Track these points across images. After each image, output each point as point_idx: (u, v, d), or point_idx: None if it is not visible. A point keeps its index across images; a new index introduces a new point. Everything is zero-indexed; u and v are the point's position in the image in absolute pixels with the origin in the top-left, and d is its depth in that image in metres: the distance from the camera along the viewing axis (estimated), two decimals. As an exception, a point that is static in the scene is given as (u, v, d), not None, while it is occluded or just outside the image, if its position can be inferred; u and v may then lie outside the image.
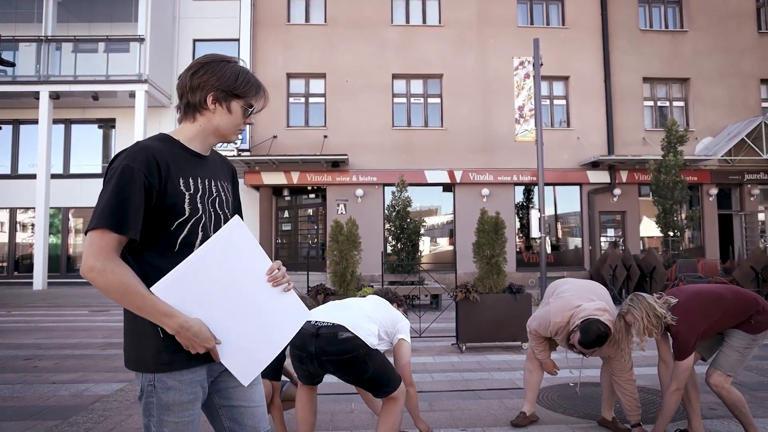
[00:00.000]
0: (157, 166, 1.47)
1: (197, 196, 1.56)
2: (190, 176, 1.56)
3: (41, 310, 11.04)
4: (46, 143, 15.46)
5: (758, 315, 3.29)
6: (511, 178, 16.26)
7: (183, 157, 1.57)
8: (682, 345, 3.21)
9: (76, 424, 3.89)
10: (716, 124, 16.84)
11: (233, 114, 1.63)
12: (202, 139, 1.64)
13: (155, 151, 1.50)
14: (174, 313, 1.44)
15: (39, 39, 16.02)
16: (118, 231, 1.41)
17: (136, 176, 1.43)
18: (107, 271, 1.39)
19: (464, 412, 4.21)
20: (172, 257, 1.50)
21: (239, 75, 1.62)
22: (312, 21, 17.04)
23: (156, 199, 1.47)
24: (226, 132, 1.64)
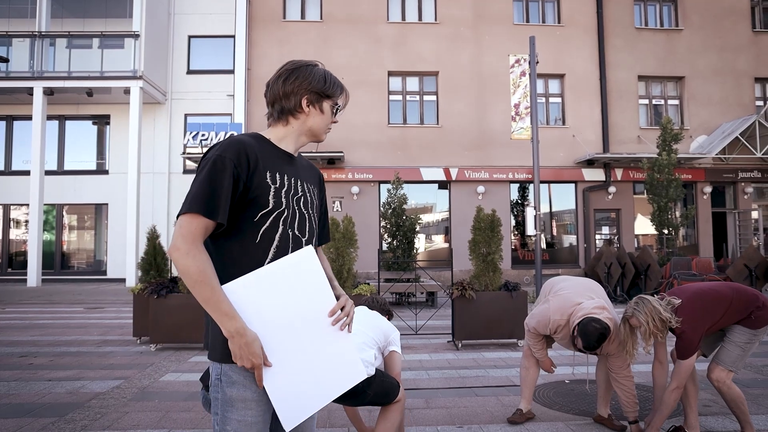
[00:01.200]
0: (246, 158, 1.53)
1: (282, 191, 1.59)
2: (278, 171, 1.60)
3: (36, 307, 10.99)
4: (40, 139, 15.38)
5: (758, 311, 3.31)
6: (507, 176, 16.28)
7: (272, 153, 1.63)
8: (687, 345, 3.23)
9: (72, 421, 3.88)
10: (710, 123, 16.92)
11: (325, 114, 1.71)
12: (294, 139, 1.71)
13: (246, 144, 1.56)
14: (235, 316, 1.44)
15: (33, 34, 15.92)
16: (208, 215, 1.46)
17: (227, 165, 1.50)
18: (189, 254, 1.44)
19: (461, 409, 4.22)
20: (253, 249, 1.53)
21: (326, 77, 1.70)
22: (308, 18, 17.00)
23: (243, 189, 1.52)
24: (319, 131, 1.72)
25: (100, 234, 17.53)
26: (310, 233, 1.67)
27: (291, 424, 1.50)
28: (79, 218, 17.71)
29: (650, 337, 3.29)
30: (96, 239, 17.53)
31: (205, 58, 17.54)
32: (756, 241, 16.80)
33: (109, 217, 17.13)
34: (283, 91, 1.66)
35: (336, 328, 1.57)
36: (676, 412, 4.09)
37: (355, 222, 7.76)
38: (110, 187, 16.98)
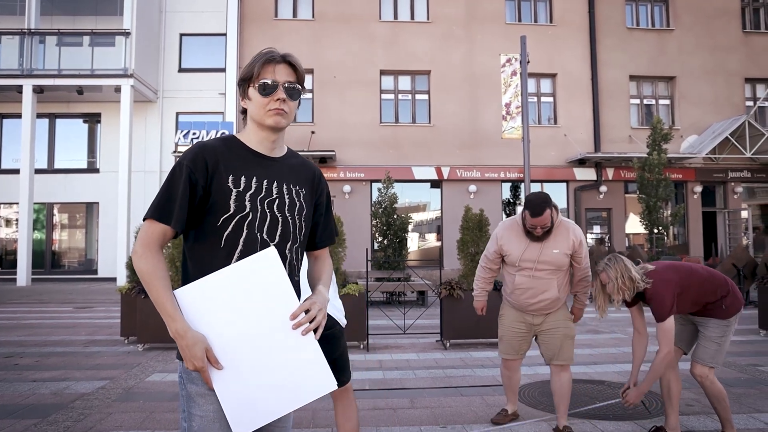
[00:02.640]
0: (204, 163, 1.52)
1: (247, 194, 1.55)
2: (243, 174, 1.56)
3: (24, 306, 10.93)
4: (29, 138, 15.27)
5: (727, 298, 3.32)
6: (498, 175, 16.32)
7: (240, 156, 1.59)
8: (659, 304, 3.20)
9: (55, 422, 3.86)
10: (701, 122, 17.01)
11: (253, 99, 1.60)
12: (256, 135, 1.64)
13: (207, 149, 1.55)
14: (176, 318, 1.44)
15: (22, 32, 15.80)
16: (161, 221, 1.49)
17: (183, 171, 1.51)
18: (143, 257, 1.48)
19: (445, 409, 4.23)
20: (218, 253, 1.53)
21: (251, 62, 1.61)
22: (300, 16, 16.97)
23: (202, 193, 1.52)
24: (258, 118, 1.60)
25: (91, 233, 17.44)
26: (283, 236, 1.59)
27: (240, 428, 1.45)
28: (70, 217, 17.61)
29: (618, 292, 3.28)
30: (87, 238, 17.44)
31: (196, 56, 17.46)
32: (745, 241, 16.91)
33: (100, 215, 17.04)
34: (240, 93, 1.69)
35: (298, 333, 1.48)
36: (660, 411, 4.12)
37: (346, 221, 7.77)
38: (101, 186, 16.89)
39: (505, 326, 3.82)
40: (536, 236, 3.51)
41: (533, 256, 3.52)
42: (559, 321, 3.64)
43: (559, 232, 3.54)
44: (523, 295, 3.60)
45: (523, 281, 3.58)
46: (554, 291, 3.54)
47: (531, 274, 3.54)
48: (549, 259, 3.50)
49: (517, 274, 3.61)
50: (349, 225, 7.86)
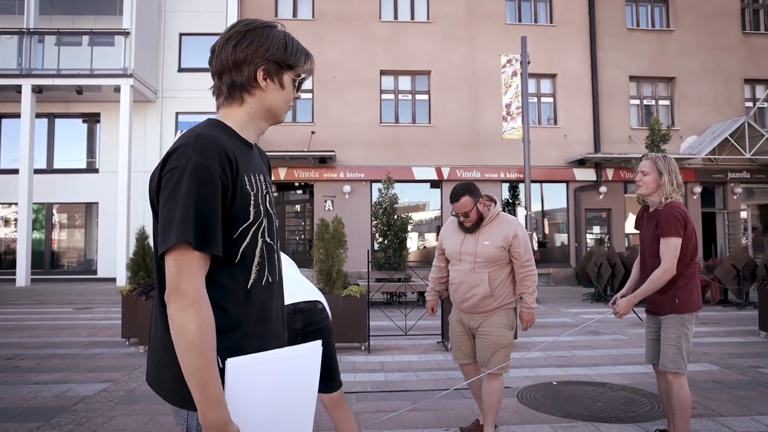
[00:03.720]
0: (229, 163, 1.24)
1: (259, 196, 1.32)
2: (251, 172, 1.32)
3: (24, 307, 10.91)
4: (28, 138, 15.25)
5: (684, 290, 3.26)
6: (498, 175, 16.33)
7: (241, 149, 1.33)
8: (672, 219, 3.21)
9: (58, 426, 3.86)
10: (701, 123, 17.03)
11: (286, 89, 1.39)
12: (254, 124, 1.40)
13: (222, 142, 1.25)
14: (222, 405, 1.16)
15: (21, 31, 15.76)
16: (207, 250, 1.18)
17: (215, 178, 1.20)
18: (194, 306, 1.15)
19: (448, 412, 4.23)
20: (234, 271, 1.27)
21: (288, 41, 1.39)
22: (299, 16, 16.96)
23: (228, 202, 1.25)
24: (279, 111, 1.41)
25: (90, 233, 17.42)
26: (277, 236, 1.41)
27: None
28: (69, 217, 17.58)
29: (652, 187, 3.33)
30: (86, 238, 17.42)
31: (196, 56, 17.43)
32: (744, 242, 16.93)
33: (99, 216, 17.02)
34: (233, 59, 1.34)
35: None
36: (661, 414, 4.12)
37: (347, 221, 7.76)
38: (101, 186, 16.86)
39: (451, 329, 3.73)
40: (467, 228, 3.52)
41: (470, 249, 3.48)
42: (493, 327, 3.46)
43: (494, 225, 3.51)
44: (457, 290, 3.55)
45: (456, 275, 3.57)
46: (485, 286, 3.42)
47: (464, 267, 3.51)
48: (480, 251, 3.46)
49: (452, 269, 3.62)
50: (349, 225, 7.84)
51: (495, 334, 3.45)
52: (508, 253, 3.48)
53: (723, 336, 7.60)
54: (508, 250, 3.47)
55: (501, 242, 3.44)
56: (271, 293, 1.39)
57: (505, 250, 3.46)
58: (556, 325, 8.61)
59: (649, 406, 4.32)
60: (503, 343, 3.46)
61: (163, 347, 1.26)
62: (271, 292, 1.39)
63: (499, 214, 3.58)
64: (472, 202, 3.44)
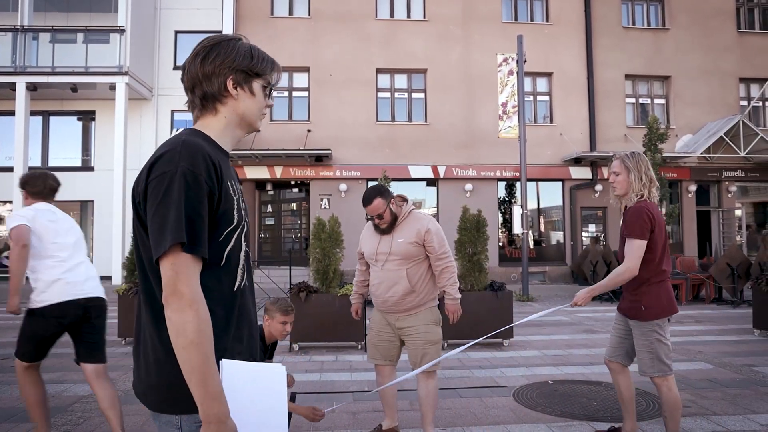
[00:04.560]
0: (214, 169, 1.29)
1: (240, 201, 1.38)
2: (231, 178, 1.38)
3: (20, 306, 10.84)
4: (23, 136, 15.16)
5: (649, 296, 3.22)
6: (495, 174, 16.35)
7: (221, 157, 1.38)
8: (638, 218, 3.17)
9: (55, 426, 3.86)
10: (696, 122, 17.09)
11: (256, 96, 1.45)
12: (230, 133, 1.45)
13: (205, 149, 1.30)
14: (222, 400, 1.20)
15: (15, 28, 15.66)
16: (198, 253, 1.22)
17: (202, 183, 1.24)
18: (193, 307, 1.18)
19: (444, 411, 4.25)
20: (220, 273, 1.31)
21: (253, 52, 1.44)
22: (296, 14, 16.92)
23: (215, 206, 1.29)
24: (252, 118, 1.46)
25: (85, 231, 17.34)
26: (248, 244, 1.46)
27: None
28: (64, 215, 17.50)
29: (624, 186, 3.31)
30: (81, 236, 17.34)
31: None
32: (739, 240, 17.02)
33: (95, 214, 16.97)
34: (203, 72, 1.39)
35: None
36: (651, 414, 4.15)
37: (343, 220, 7.75)
38: (96, 184, 16.79)
39: (372, 330, 3.70)
40: (381, 229, 3.54)
41: (385, 249, 3.52)
42: (420, 325, 3.49)
43: (407, 223, 3.56)
44: (377, 290, 3.56)
45: (375, 275, 3.60)
46: (405, 283, 3.44)
47: (381, 266, 3.53)
48: (395, 249, 3.49)
49: (371, 269, 3.67)
50: (345, 224, 7.84)
51: (423, 331, 3.48)
52: (423, 248, 3.52)
53: (717, 334, 7.65)
54: (423, 246, 3.51)
55: (414, 238, 3.48)
56: (250, 296, 1.46)
57: (420, 245, 3.50)
58: (552, 324, 8.65)
59: (644, 405, 4.35)
60: (432, 340, 3.49)
61: (153, 355, 1.29)
62: (250, 294, 1.45)
63: (411, 212, 3.63)
64: (384, 204, 3.48)
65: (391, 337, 3.62)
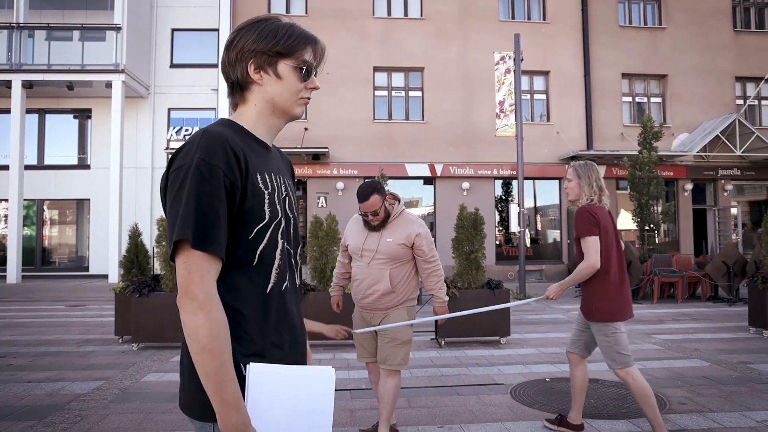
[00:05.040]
0: (236, 160, 1.19)
1: (275, 196, 1.27)
2: (266, 171, 1.28)
3: (15, 304, 10.85)
4: (19, 133, 15.12)
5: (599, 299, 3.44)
6: (492, 172, 16.37)
7: (254, 148, 1.29)
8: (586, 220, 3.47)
9: (52, 424, 3.85)
10: (692, 121, 17.14)
11: (284, 78, 1.30)
12: (265, 122, 1.34)
13: (229, 139, 1.20)
14: (241, 409, 1.12)
15: (10, 26, 15.60)
16: (214, 252, 1.15)
17: (218, 176, 1.15)
18: (205, 309, 1.11)
19: (442, 409, 4.26)
20: (252, 274, 1.24)
21: (278, 30, 1.30)
22: (293, 12, 16.89)
23: (238, 201, 1.20)
24: (285, 104, 1.33)
25: (82, 230, 17.31)
26: (297, 241, 1.36)
27: None
28: (61, 213, 17.46)
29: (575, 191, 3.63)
30: (78, 235, 17.32)
31: (188, 51, 17.34)
32: (735, 238, 17.08)
33: (91, 212, 16.92)
34: (228, 61, 1.31)
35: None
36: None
37: (340, 218, 7.75)
38: (92, 182, 16.76)
39: (355, 328, 3.64)
40: (373, 226, 3.52)
41: (372, 246, 3.49)
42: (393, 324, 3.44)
43: (398, 223, 3.54)
44: (359, 286, 3.54)
45: (357, 271, 3.57)
46: (386, 282, 3.43)
47: (366, 263, 3.51)
48: (382, 248, 3.48)
49: (354, 264, 3.64)
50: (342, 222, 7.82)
51: (395, 330, 3.45)
52: (411, 250, 3.53)
53: (713, 332, 7.68)
54: (411, 248, 3.52)
55: (404, 240, 3.48)
56: (293, 298, 1.36)
57: (408, 247, 3.50)
58: (549, 322, 8.67)
59: (640, 403, 4.37)
60: (402, 339, 3.47)
61: (186, 358, 1.23)
62: (293, 296, 1.36)
63: (402, 212, 3.62)
64: (380, 201, 3.46)
65: (373, 333, 3.60)
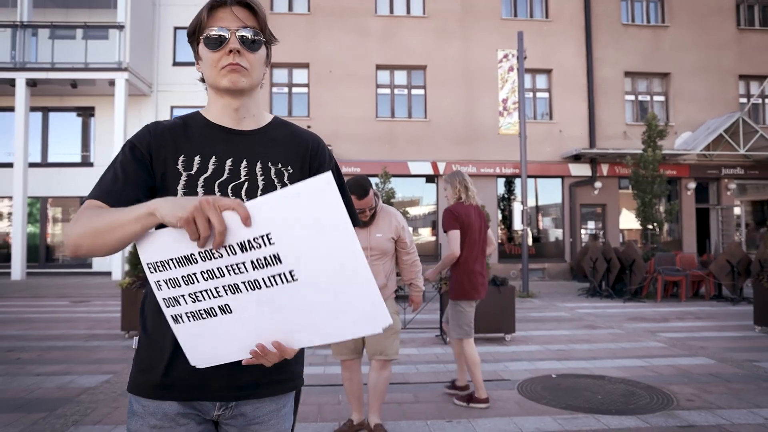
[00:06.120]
0: (148, 140, 1.27)
1: (200, 178, 1.25)
2: (199, 153, 1.27)
3: (21, 300, 10.87)
4: (23, 131, 15.12)
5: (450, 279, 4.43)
6: (494, 170, 16.38)
7: (197, 133, 1.31)
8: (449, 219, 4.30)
9: (63, 416, 3.87)
10: (695, 119, 17.13)
11: (203, 57, 1.31)
12: (214, 104, 1.34)
13: (158, 125, 1.31)
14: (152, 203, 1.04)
15: (14, 24, 15.61)
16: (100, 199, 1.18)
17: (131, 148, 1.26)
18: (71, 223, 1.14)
19: (449, 404, 4.28)
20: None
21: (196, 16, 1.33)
22: (295, 10, 16.90)
23: (152, 182, 1.25)
24: (212, 81, 1.30)
25: (84, 227, 17.31)
26: None
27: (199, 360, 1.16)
28: (64, 211, 17.49)
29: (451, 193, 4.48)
30: (81, 232, 17.32)
31: (191, 50, 17.32)
32: (738, 237, 17.08)
33: (94, 210, 16.92)
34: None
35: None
36: (656, 406, 4.17)
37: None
38: (95, 180, 16.56)
39: None
40: (363, 222, 3.50)
41: (364, 243, 3.45)
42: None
43: (381, 218, 3.57)
44: None
45: None
46: (382, 278, 3.49)
47: None
48: (375, 245, 3.50)
49: None
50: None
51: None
52: (395, 243, 3.59)
53: (718, 330, 7.68)
54: (396, 240, 3.58)
55: (392, 233, 3.54)
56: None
57: (393, 240, 3.57)
58: (553, 320, 8.68)
59: (648, 399, 4.38)
60: (396, 329, 3.61)
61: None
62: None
63: (382, 206, 3.64)
64: (374, 197, 3.48)
65: None
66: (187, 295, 1.08)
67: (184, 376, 1.23)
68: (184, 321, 1.11)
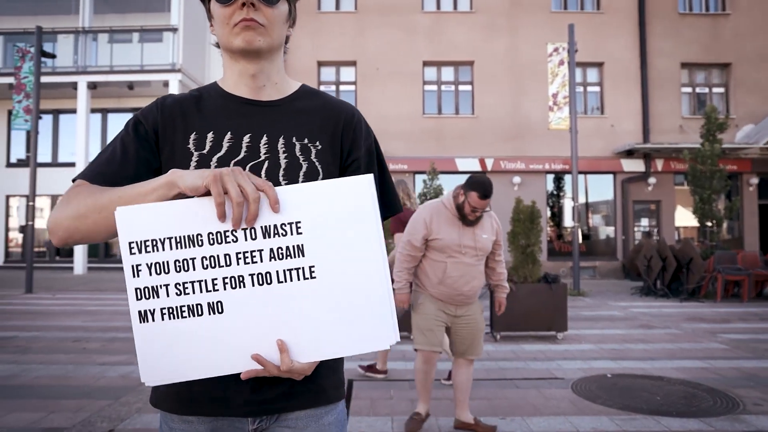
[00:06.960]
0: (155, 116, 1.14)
1: (214, 157, 1.10)
2: (212, 130, 1.13)
3: (84, 293, 11.40)
4: (84, 132, 15.85)
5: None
6: (543, 166, 16.07)
7: (211, 106, 1.16)
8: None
9: (127, 404, 4.04)
10: (758, 111, 16.29)
11: (215, 15, 1.13)
12: (230, 72, 1.18)
13: (166, 99, 1.17)
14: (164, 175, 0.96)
15: (76, 30, 16.38)
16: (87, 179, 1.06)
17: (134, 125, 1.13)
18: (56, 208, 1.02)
19: (502, 401, 4.24)
20: None
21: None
22: (342, 8, 17.03)
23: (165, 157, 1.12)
24: (224, 41, 1.13)
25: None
26: None
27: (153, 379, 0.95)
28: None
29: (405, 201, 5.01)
30: (137, 229, 18.00)
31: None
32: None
33: (150, 207, 17.57)
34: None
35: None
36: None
37: (393, 213, 7.80)
38: (151, 178, 17.39)
39: (429, 317, 3.52)
40: (470, 221, 3.44)
41: (470, 243, 3.44)
42: (476, 314, 3.58)
43: (483, 218, 3.55)
44: (456, 282, 3.43)
45: (455, 267, 3.45)
46: (481, 278, 3.56)
47: (466, 260, 3.45)
48: (481, 245, 3.49)
49: (449, 261, 3.46)
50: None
51: (478, 320, 3.58)
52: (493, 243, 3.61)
53: (784, 332, 7.31)
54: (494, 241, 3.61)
55: (492, 234, 3.57)
56: None
57: (492, 242, 3.58)
58: (606, 318, 8.46)
59: (711, 402, 4.22)
60: (482, 328, 3.64)
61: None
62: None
63: None
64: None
65: (444, 325, 3.59)
66: (173, 286, 0.93)
67: (207, 388, 1.05)
68: (154, 319, 0.93)
